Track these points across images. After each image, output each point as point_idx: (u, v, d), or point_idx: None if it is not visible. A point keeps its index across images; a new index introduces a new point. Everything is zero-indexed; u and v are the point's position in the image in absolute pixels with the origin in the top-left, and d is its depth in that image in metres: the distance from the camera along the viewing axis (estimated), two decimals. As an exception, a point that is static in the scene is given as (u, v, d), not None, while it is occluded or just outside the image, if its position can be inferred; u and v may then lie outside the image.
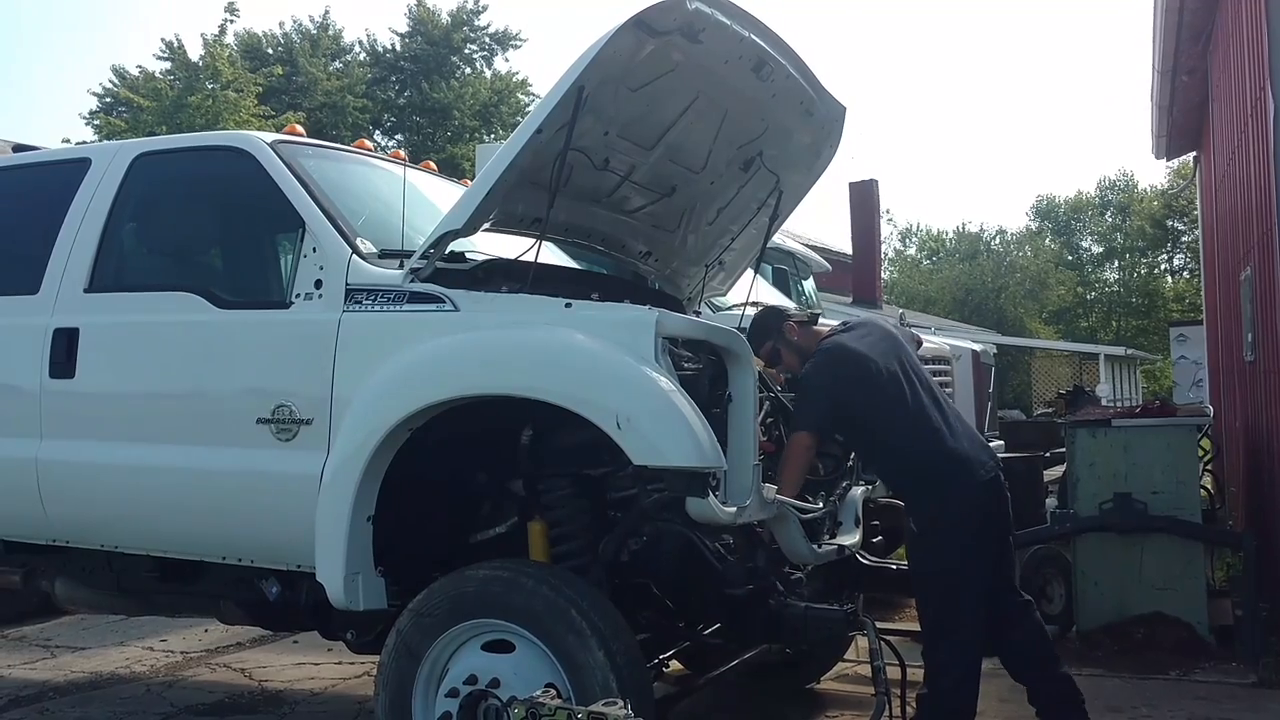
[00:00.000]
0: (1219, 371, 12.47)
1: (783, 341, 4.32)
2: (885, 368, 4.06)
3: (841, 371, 4.03)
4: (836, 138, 4.80)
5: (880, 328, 4.32)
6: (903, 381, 4.07)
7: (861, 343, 4.12)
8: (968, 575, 3.98)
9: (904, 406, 4.04)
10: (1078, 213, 54.33)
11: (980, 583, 4.02)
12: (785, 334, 4.32)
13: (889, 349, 4.15)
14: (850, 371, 4.02)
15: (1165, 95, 11.77)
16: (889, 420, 4.05)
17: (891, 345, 4.19)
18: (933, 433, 4.04)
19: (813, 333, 4.34)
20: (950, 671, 3.99)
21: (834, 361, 4.07)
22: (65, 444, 4.28)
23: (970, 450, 4.09)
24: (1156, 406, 7.16)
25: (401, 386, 3.63)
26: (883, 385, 4.03)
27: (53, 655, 6.52)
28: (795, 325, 4.35)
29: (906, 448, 4.06)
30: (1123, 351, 31.97)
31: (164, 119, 17.93)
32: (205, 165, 4.50)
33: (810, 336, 4.31)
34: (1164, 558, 6.04)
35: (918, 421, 4.04)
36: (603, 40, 3.59)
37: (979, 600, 4.01)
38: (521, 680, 3.37)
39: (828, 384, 4.02)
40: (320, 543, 3.64)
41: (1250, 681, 5.47)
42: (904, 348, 4.25)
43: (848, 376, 4.02)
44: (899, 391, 4.05)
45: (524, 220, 4.15)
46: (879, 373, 4.03)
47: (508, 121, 33.02)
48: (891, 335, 4.28)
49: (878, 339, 4.19)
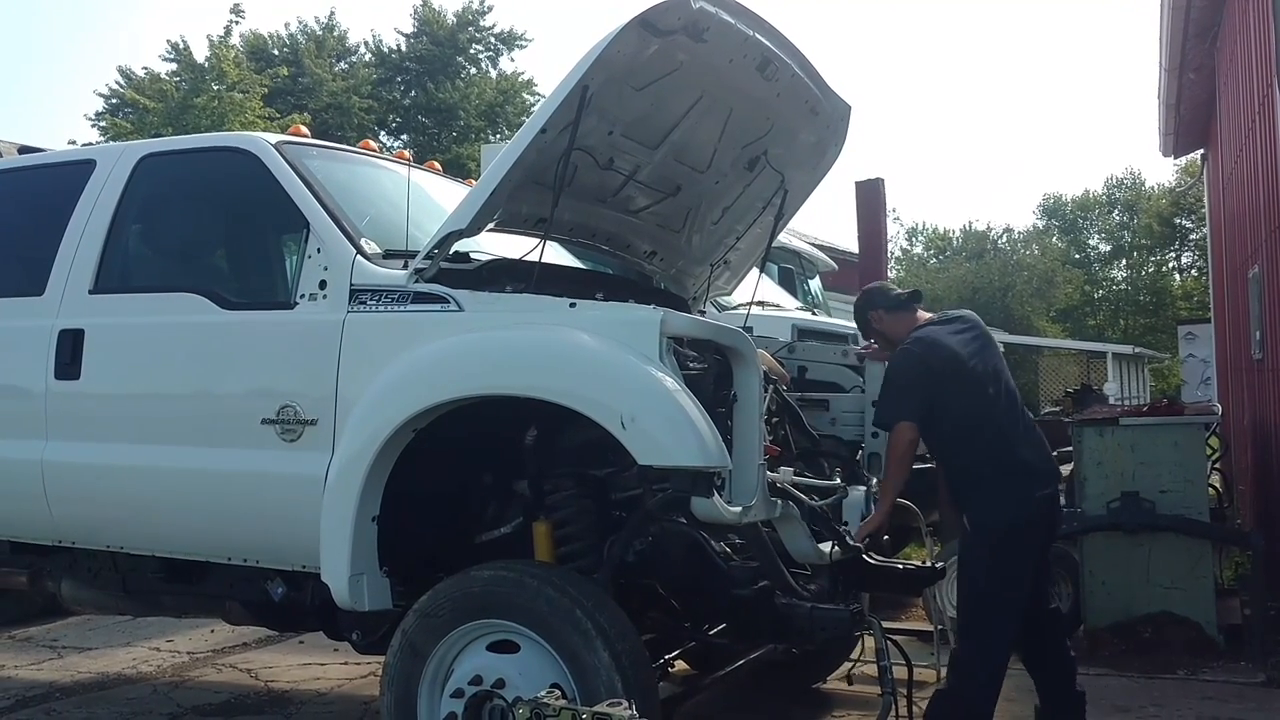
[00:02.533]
0: (1227, 370, 12.44)
1: (874, 335, 4.42)
2: (973, 366, 4.06)
3: (930, 364, 4.03)
4: (842, 136, 4.79)
5: (974, 324, 4.28)
6: (987, 383, 4.08)
7: (954, 338, 4.12)
8: (1010, 581, 4.00)
9: (983, 408, 4.06)
10: (1085, 211, 54.15)
11: (1020, 591, 4.03)
12: (874, 325, 4.38)
13: (979, 349, 4.14)
14: (938, 366, 4.02)
15: (1172, 93, 11.74)
16: (965, 419, 4.05)
17: (982, 345, 4.18)
18: (1004, 439, 4.05)
19: (904, 320, 4.31)
20: (978, 673, 3.98)
21: (924, 352, 4.07)
22: (71, 445, 4.29)
23: (1035, 462, 4.11)
24: (1164, 405, 7.14)
25: (406, 387, 3.63)
26: (966, 384, 4.04)
27: (59, 656, 6.53)
28: (883, 313, 4.35)
29: (976, 449, 4.06)
30: (1130, 350, 31.87)
31: (169, 120, 17.95)
32: (210, 166, 4.51)
33: (900, 323, 4.29)
34: (1172, 557, 6.02)
35: (993, 425, 4.05)
36: (607, 40, 3.58)
37: (1016, 608, 4.02)
38: (526, 681, 3.37)
39: (916, 375, 4.03)
40: (325, 543, 3.64)
41: (1258, 681, 5.46)
42: (993, 348, 4.23)
43: (934, 371, 4.02)
44: (981, 392, 4.06)
45: (528, 220, 4.14)
46: (966, 371, 4.04)
47: (513, 122, 33.03)
48: (983, 335, 4.25)
49: (970, 337, 4.17)
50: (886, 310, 4.36)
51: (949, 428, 4.09)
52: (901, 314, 4.33)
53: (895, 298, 4.40)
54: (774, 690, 5.16)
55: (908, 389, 4.03)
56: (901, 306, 4.36)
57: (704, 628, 4.19)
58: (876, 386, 4.72)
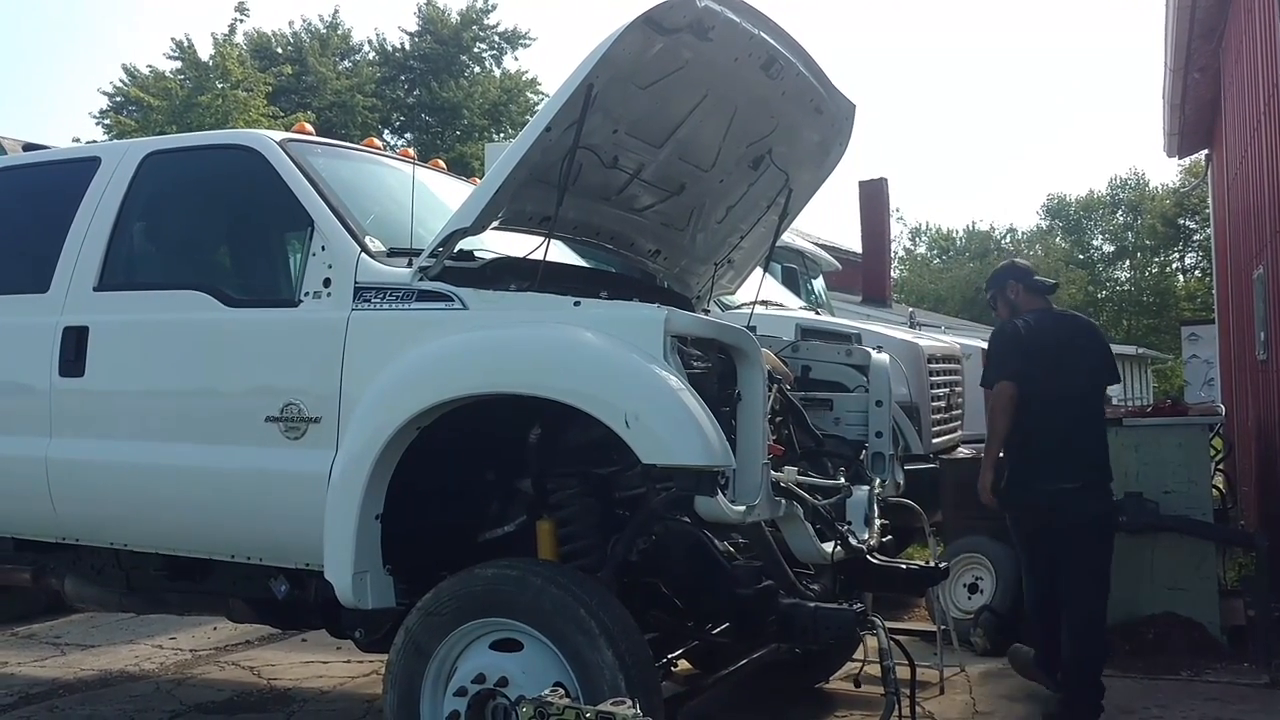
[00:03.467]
0: (1231, 370, 12.42)
1: (1002, 297, 5.14)
2: (1059, 356, 4.81)
3: (1023, 342, 4.81)
4: (846, 135, 4.78)
5: (1085, 327, 5.07)
6: (1056, 375, 4.76)
7: (1054, 329, 4.92)
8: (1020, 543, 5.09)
9: (1048, 394, 4.74)
10: (1089, 211, 54.10)
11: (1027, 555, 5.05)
12: (1007, 291, 5.12)
13: (1077, 346, 4.91)
14: (1029, 345, 4.80)
15: (1177, 93, 11.72)
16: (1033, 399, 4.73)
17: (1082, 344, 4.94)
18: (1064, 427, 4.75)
19: (1033, 301, 5.06)
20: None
21: (1024, 330, 4.86)
22: (75, 442, 4.29)
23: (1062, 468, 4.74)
24: (1168, 405, 7.13)
25: (410, 385, 3.63)
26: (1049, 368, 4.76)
27: (62, 653, 6.54)
28: (1021, 287, 5.08)
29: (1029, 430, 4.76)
30: (1134, 351, 31.87)
31: (174, 118, 17.99)
32: (214, 164, 4.51)
33: (1028, 303, 5.05)
34: (1175, 558, 6.01)
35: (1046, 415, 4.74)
36: (612, 38, 3.58)
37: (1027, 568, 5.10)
38: (530, 679, 3.36)
39: (1011, 347, 4.85)
40: (329, 541, 3.64)
41: (1262, 682, 5.44)
42: (1094, 352, 4.96)
43: (1025, 348, 4.79)
44: (1050, 381, 4.75)
45: (533, 218, 4.14)
46: (1051, 358, 4.78)
47: (517, 120, 33.04)
48: (1088, 337, 5.00)
49: (1069, 333, 4.95)
50: (1025, 288, 5.09)
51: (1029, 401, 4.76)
52: (1033, 296, 5.08)
53: (1036, 281, 5.17)
54: (777, 690, 5.15)
55: (1005, 356, 4.85)
56: (1036, 290, 5.11)
57: (707, 627, 4.19)
58: (880, 386, 4.74)
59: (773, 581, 3.83)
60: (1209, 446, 6.63)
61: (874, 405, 4.72)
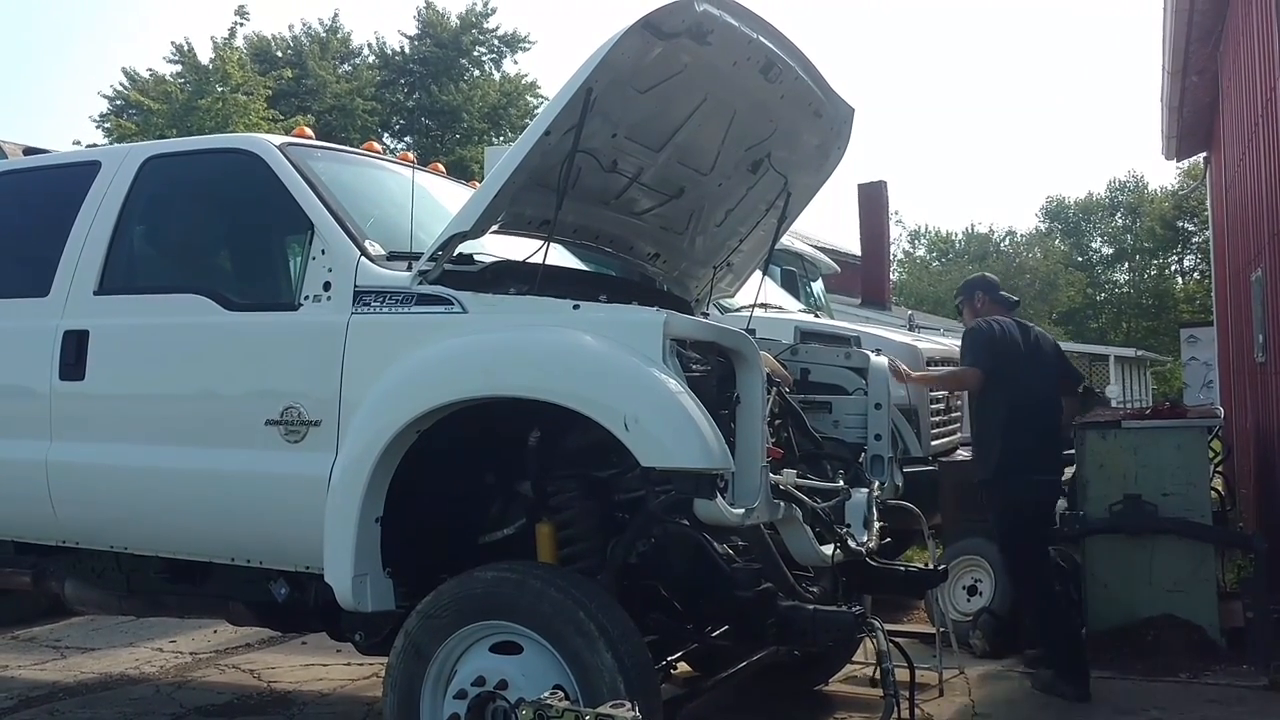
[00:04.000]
0: (1230, 373, 12.42)
1: (969, 305, 5.79)
2: (1024, 357, 5.42)
3: (995, 339, 5.41)
4: (845, 139, 4.80)
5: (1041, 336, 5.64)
6: (1030, 376, 5.38)
7: (1018, 334, 5.49)
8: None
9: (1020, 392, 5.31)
10: (1088, 214, 54.13)
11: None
12: (975, 300, 5.76)
13: (1037, 352, 5.52)
14: (1000, 344, 5.39)
15: (1175, 96, 11.73)
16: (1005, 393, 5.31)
17: (1041, 351, 5.56)
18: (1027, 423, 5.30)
19: (995, 310, 5.68)
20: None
21: (997, 330, 5.45)
22: (75, 446, 4.29)
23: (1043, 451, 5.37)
24: (1167, 408, 7.14)
25: (409, 388, 3.63)
26: (1014, 367, 5.34)
27: (62, 656, 6.54)
28: (987, 298, 5.74)
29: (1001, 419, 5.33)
30: (1133, 353, 31.86)
31: (174, 122, 18.02)
32: (214, 168, 4.51)
33: (990, 311, 5.67)
34: (1174, 560, 6.01)
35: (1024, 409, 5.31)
36: (611, 42, 3.59)
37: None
38: (529, 682, 3.37)
39: (986, 342, 5.40)
40: (329, 544, 3.64)
41: (1261, 684, 5.44)
42: (1051, 359, 5.60)
43: (998, 346, 5.38)
44: (1029, 380, 5.37)
45: (532, 222, 4.15)
46: (1019, 358, 5.39)
47: (516, 124, 33.07)
48: (1046, 346, 5.62)
49: (1032, 339, 5.54)
50: (991, 299, 5.74)
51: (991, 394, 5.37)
52: (996, 307, 5.71)
53: (1001, 295, 5.81)
54: (776, 692, 5.16)
55: (980, 349, 5.41)
56: (999, 302, 5.76)
57: (706, 629, 4.19)
58: (879, 389, 4.75)
59: (772, 584, 3.84)
60: (1208, 449, 6.62)
61: (873, 408, 4.73)
